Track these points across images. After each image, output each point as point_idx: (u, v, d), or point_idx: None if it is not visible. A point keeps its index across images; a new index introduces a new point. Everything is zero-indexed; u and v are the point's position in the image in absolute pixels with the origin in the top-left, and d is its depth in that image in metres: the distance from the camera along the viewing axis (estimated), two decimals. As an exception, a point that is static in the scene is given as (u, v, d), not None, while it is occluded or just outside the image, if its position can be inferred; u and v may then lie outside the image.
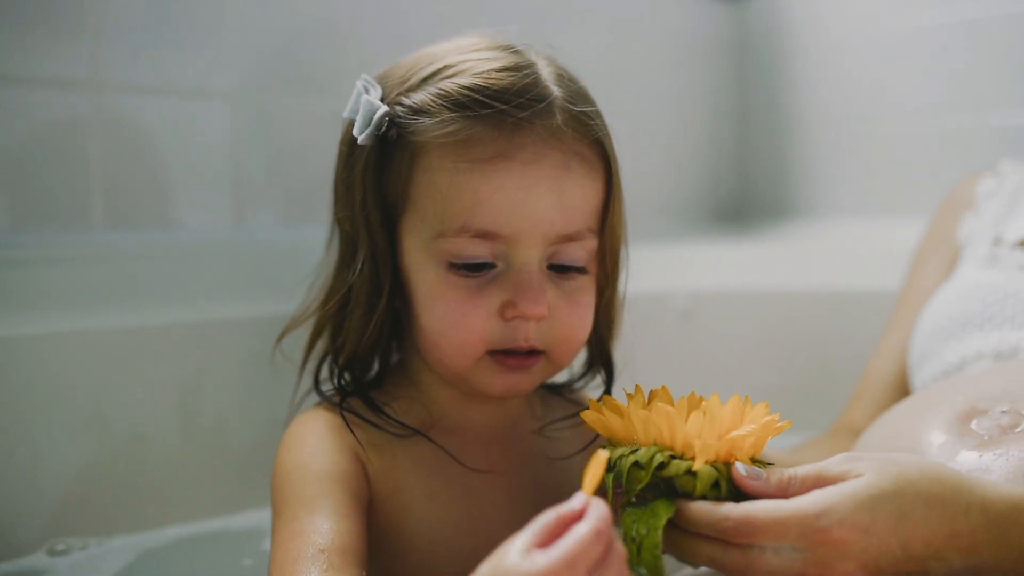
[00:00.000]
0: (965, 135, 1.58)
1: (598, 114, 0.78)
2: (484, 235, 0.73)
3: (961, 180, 1.18)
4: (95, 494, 0.99)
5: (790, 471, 0.64)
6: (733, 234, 1.84)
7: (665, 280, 1.45)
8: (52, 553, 0.93)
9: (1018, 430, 0.76)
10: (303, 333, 0.85)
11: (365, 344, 0.79)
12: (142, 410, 1.02)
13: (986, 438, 0.76)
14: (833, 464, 0.64)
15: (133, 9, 1.14)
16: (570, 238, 0.75)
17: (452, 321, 0.74)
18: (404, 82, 0.77)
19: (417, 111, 0.74)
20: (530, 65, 0.76)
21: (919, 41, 1.63)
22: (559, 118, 0.74)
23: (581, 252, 0.77)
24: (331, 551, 0.68)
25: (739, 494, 0.64)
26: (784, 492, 0.63)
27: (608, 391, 0.85)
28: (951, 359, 0.93)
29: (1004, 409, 0.78)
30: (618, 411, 0.69)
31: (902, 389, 1.05)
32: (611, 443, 0.69)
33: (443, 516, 0.79)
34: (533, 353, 0.76)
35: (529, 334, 0.75)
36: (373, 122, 0.75)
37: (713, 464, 0.64)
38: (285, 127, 1.27)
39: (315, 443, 0.77)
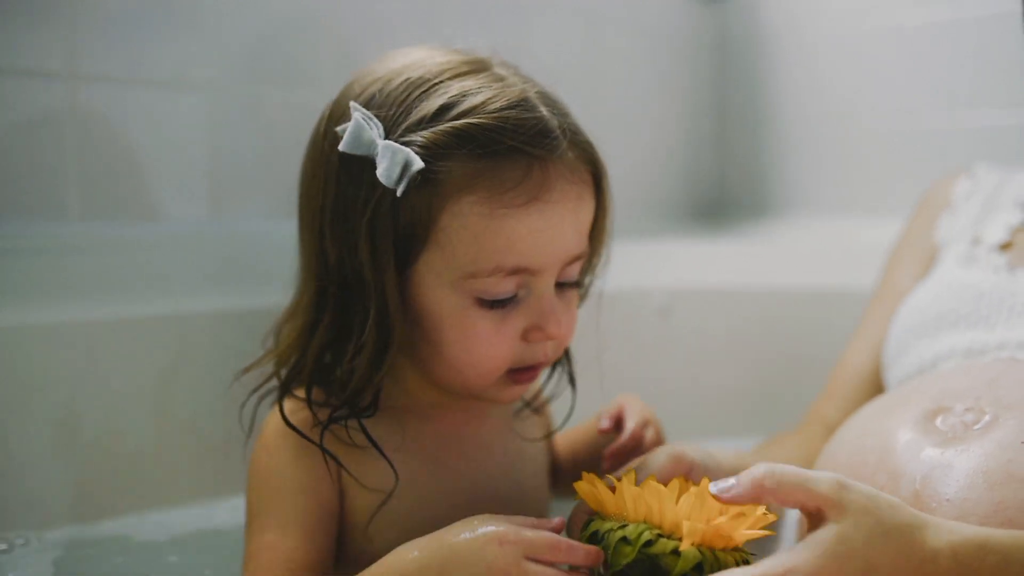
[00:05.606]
0: (940, 135, 1.60)
1: (584, 132, 0.80)
2: (516, 271, 0.75)
3: (937, 180, 1.18)
4: (69, 485, 0.99)
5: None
6: (711, 232, 1.85)
7: (643, 277, 1.45)
8: (25, 543, 0.93)
9: (977, 427, 0.77)
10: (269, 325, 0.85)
11: (367, 379, 0.76)
12: (117, 402, 1.02)
13: (949, 435, 0.78)
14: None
15: (110, -2, 1.13)
16: (576, 258, 0.79)
17: (481, 351, 0.76)
18: (406, 115, 0.74)
19: (436, 153, 0.72)
20: (523, 94, 0.75)
21: (896, 42, 1.65)
22: (569, 152, 0.76)
23: (578, 268, 0.80)
24: (299, 569, 0.74)
25: None
26: None
27: (572, 382, 0.88)
28: (925, 355, 0.94)
29: (968, 406, 0.79)
30: (610, 487, 0.70)
31: (874, 384, 1.06)
32: (600, 516, 0.70)
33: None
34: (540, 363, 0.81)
35: (548, 351, 0.79)
36: (408, 176, 0.72)
37: (699, 548, 0.65)
38: (263, 118, 1.27)
39: (293, 450, 0.77)
